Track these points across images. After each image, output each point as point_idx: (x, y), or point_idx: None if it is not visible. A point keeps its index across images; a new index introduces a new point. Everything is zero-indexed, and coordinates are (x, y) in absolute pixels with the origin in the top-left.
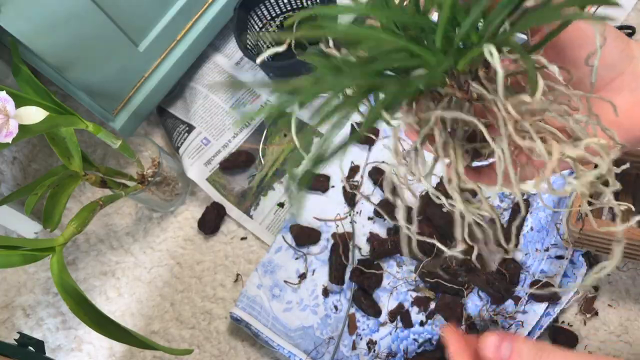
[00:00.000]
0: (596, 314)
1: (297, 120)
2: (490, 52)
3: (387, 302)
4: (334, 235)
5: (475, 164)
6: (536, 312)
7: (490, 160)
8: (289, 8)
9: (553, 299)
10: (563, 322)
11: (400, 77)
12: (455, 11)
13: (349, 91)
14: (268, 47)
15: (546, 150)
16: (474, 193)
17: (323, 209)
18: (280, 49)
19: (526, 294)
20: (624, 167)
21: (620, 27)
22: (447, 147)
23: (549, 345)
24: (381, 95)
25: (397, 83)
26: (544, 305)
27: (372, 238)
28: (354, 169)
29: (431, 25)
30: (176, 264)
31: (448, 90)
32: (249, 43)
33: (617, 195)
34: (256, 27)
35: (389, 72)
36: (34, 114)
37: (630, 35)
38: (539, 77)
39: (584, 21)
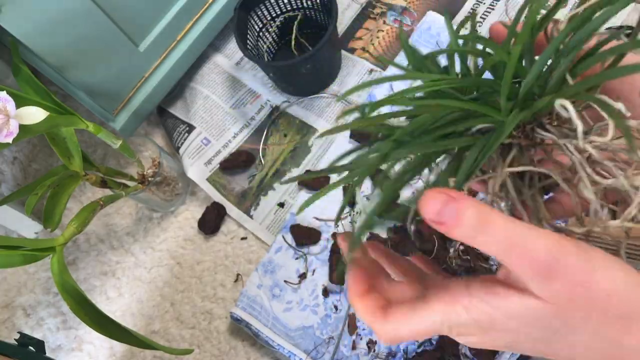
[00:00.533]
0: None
1: (301, 123)
2: (565, 107)
3: None
4: (334, 235)
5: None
6: None
7: (551, 194)
8: (289, 8)
9: None
10: None
11: (467, 138)
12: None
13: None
14: (268, 48)
15: (630, 185)
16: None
17: (323, 209)
18: None
19: None
20: None
21: (620, 27)
22: (523, 199)
23: (497, 213)
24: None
25: (475, 146)
26: None
27: (372, 238)
28: None
29: (489, 84)
30: (176, 263)
31: (513, 140)
32: (249, 43)
33: None
34: (256, 27)
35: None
36: (34, 114)
37: (628, 35)
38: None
39: None
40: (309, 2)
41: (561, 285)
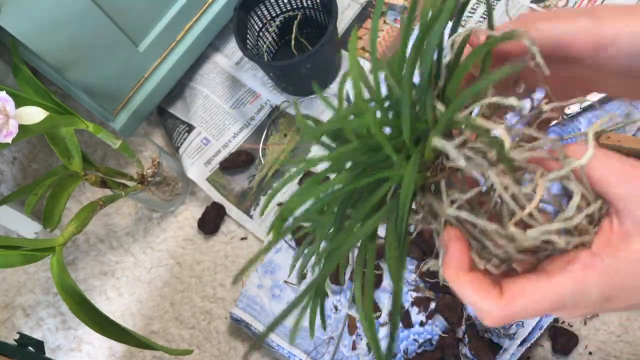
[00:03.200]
0: (596, 314)
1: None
2: (440, 145)
3: (387, 303)
4: None
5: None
6: None
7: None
8: (288, 8)
9: None
10: (563, 322)
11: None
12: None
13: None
14: (268, 47)
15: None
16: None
17: None
18: None
19: None
20: None
21: None
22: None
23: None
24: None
25: (390, 220)
26: None
27: None
28: None
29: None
30: (176, 264)
31: (432, 179)
32: (249, 43)
33: None
34: (256, 27)
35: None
36: (34, 114)
37: None
38: (505, 138)
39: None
40: (308, 2)
41: None
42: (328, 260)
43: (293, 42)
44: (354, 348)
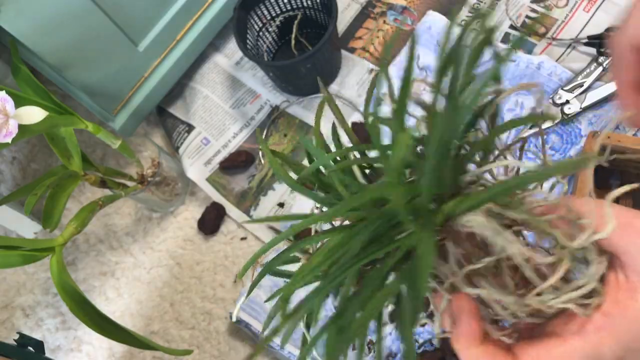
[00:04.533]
0: None
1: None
2: (476, 224)
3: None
4: None
5: None
6: None
7: None
8: (288, 8)
9: None
10: None
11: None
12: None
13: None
14: (268, 47)
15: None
16: None
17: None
18: None
19: None
20: None
21: (597, 36)
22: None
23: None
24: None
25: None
26: None
27: None
28: None
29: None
30: (176, 264)
31: (444, 241)
32: (249, 43)
33: (618, 196)
34: (256, 26)
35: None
36: (34, 114)
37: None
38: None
39: None
40: (308, 2)
41: None
42: (338, 337)
43: (293, 42)
44: (353, 348)
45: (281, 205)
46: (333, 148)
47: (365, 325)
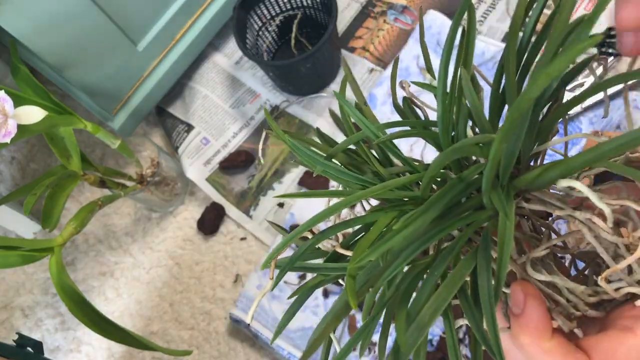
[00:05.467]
0: None
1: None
2: (573, 186)
3: None
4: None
5: None
6: None
7: None
8: (288, 7)
9: None
10: None
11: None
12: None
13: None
14: (267, 47)
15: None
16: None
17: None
18: None
19: None
20: None
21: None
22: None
23: None
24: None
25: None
26: None
27: None
28: None
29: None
30: (175, 264)
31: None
32: (249, 42)
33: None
34: (256, 26)
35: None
36: (33, 114)
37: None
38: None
39: None
40: (308, 1)
41: None
42: (409, 325)
43: (293, 42)
44: (354, 349)
45: (281, 205)
46: (339, 139)
47: (438, 312)
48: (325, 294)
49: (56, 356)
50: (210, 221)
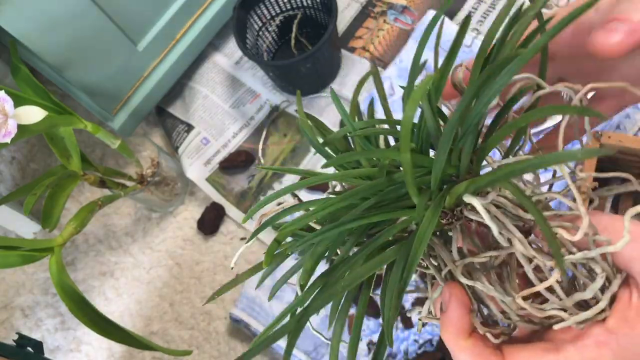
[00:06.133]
0: None
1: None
2: (473, 205)
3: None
4: None
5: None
6: None
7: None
8: (288, 7)
9: None
10: None
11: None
12: (421, 159)
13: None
14: (267, 47)
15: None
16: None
17: None
18: None
19: None
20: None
21: None
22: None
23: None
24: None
25: (396, 262)
26: None
27: None
28: None
29: (395, 183)
30: (175, 264)
31: (447, 226)
32: (249, 42)
33: (619, 196)
34: (256, 26)
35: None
36: (33, 114)
37: None
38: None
39: None
40: (308, 1)
41: None
42: (322, 293)
43: (293, 42)
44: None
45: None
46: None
47: (351, 285)
48: None
49: (56, 356)
50: (210, 221)
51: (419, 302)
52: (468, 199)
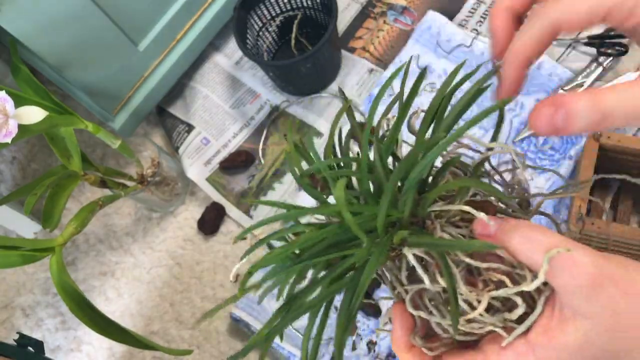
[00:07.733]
0: None
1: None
2: (409, 256)
3: (387, 302)
4: None
5: None
6: None
7: None
8: (288, 7)
9: None
10: None
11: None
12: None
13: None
14: (268, 47)
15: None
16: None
17: None
18: None
19: None
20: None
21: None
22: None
23: (525, 224)
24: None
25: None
26: None
27: None
28: None
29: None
30: (176, 264)
31: (397, 255)
32: (249, 43)
33: (618, 196)
34: (256, 26)
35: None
36: (33, 114)
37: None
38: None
39: None
40: (308, 2)
41: (607, 297)
42: (292, 312)
43: (293, 42)
44: (354, 348)
45: None
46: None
47: (315, 307)
48: None
49: (57, 356)
50: (211, 221)
51: None
52: (405, 250)
